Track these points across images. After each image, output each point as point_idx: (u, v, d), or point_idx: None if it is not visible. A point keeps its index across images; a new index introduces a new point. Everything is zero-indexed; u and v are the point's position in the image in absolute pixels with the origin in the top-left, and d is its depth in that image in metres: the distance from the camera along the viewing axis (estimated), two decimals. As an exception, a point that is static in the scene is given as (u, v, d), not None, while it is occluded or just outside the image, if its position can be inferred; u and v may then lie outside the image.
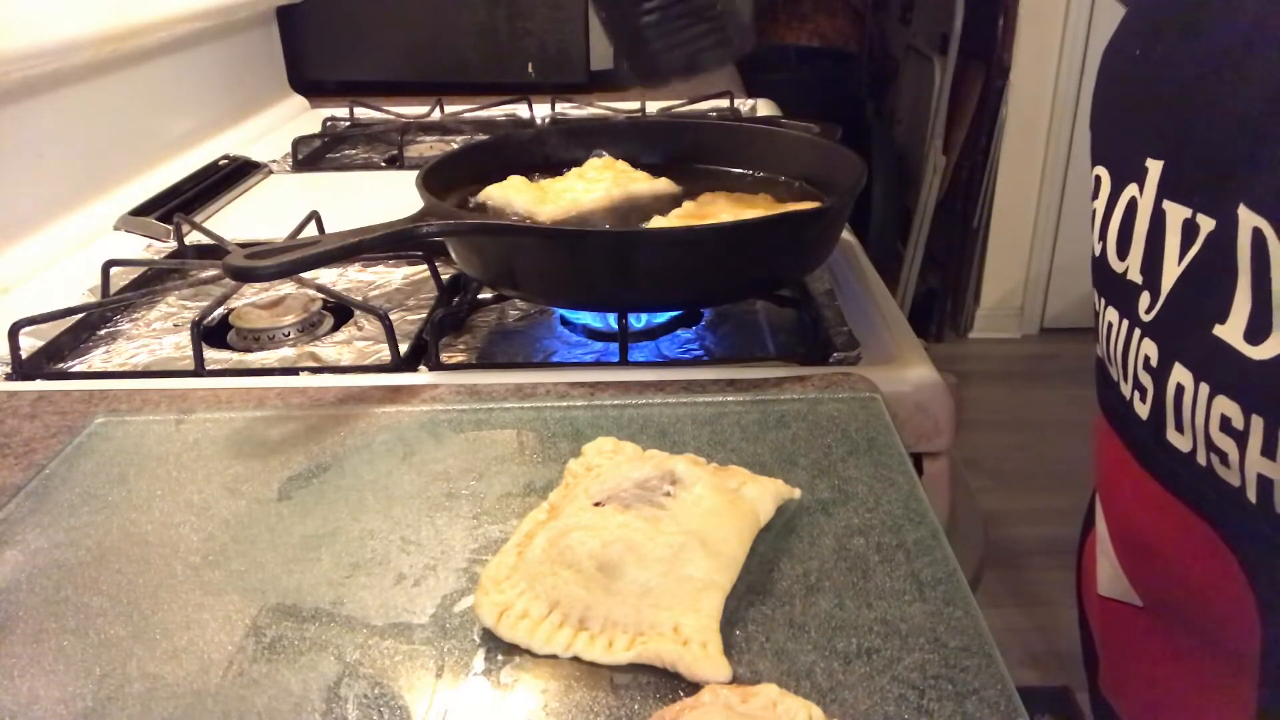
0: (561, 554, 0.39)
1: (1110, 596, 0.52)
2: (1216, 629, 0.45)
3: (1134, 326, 0.46)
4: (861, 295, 0.70)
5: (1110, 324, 0.48)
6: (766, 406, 0.53)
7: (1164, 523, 0.45)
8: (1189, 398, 0.42)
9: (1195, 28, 0.42)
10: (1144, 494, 0.46)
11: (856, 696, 0.34)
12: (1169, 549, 0.46)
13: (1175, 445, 0.43)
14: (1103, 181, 0.49)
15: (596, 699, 0.35)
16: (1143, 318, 0.45)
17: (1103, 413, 0.52)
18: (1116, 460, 0.49)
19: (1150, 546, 0.48)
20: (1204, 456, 0.42)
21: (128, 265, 0.76)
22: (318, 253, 0.52)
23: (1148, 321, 0.45)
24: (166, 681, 0.36)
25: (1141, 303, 0.45)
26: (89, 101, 0.90)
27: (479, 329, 0.69)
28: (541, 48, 1.41)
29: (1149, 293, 0.45)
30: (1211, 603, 0.44)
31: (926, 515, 0.44)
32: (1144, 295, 0.45)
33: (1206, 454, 0.42)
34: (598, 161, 0.76)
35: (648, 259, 0.58)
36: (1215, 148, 0.41)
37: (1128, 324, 0.47)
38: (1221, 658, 0.45)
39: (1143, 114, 0.46)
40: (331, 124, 1.28)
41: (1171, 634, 0.48)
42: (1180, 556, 0.45)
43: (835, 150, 0.71)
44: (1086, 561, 0.58)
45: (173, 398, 0.57)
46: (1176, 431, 0.43)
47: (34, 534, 0.45)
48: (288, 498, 0.47)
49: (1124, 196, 0.47)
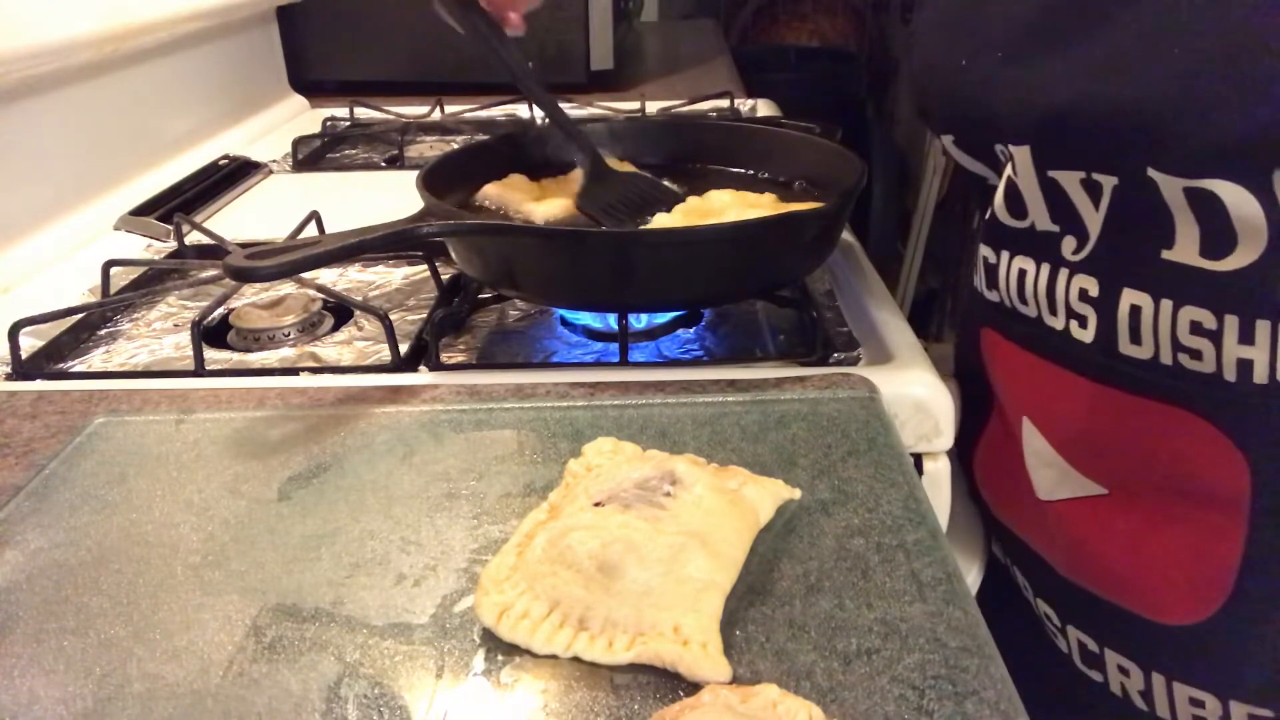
0: (561, 554, 0.39)
1: (1059, 499, 0.56)
2: (1199, 487, 0.48)
3: (1059, 267, 0.50)
4: (861, 295, 0.70)
5: (1023, 270, 0.53)
6: (766, 407, 0.53)
7: (1126, 420, 0.49)
8: (1148, 314, 0.46)
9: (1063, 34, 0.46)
10: (1096, 402, 0.50)
11: (856, 696, 0.34)
12: (1135, 439, 0.50)
13: (1132, 355, 0.47)
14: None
15: (596, 699, 0.35)
16: (1070, 258, 0.49)
17: (1017, 347, 0.55)
18: (1050, 381, 0.53)
19: (1113, 443, 0.51)
20: (1169, 358, 0.46)
21: (128, 265, 0.76)
22: (318, 253, 0.52)
23: (1077, 260, 0.49)
24: (166, 681, 0.36)
25: (1066, 246, 0.50)
26: (89, 101, 0.90)
27: (479, 329, 0.69)
28: (541, 48, 1.41)
29: (1073, 237, 0.49)
30: (1190, 468, 0.48)
31: (926, 515, 0.44)
32: (1068, 240, 0.49)
33: (1173, 355, 0.46)
34: None
35: (648, 259, 0.58)
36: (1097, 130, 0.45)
37: (1049, 266, 0.51)
38: (1204, 511, 0.49)
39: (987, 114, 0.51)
40: (331, 124, 1.28)
41: (1143, 507, 0.52)
42: (1149, 442, 0.49)
43: (835, 150, 0.71)
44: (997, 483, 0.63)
45: (173, 398, 0.57)
46: (1133, 344, 0.47)
47: (34, 534, 0.45)
48: (288, 498, 0.47)
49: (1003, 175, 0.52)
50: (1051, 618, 0.61)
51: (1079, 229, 0.49)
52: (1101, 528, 0.54)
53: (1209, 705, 0.52)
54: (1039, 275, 0.52)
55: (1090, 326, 0.49)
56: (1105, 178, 0.46)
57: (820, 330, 0.62)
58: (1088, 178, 0.47)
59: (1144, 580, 0.53)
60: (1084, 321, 0.49)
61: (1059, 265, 0.50)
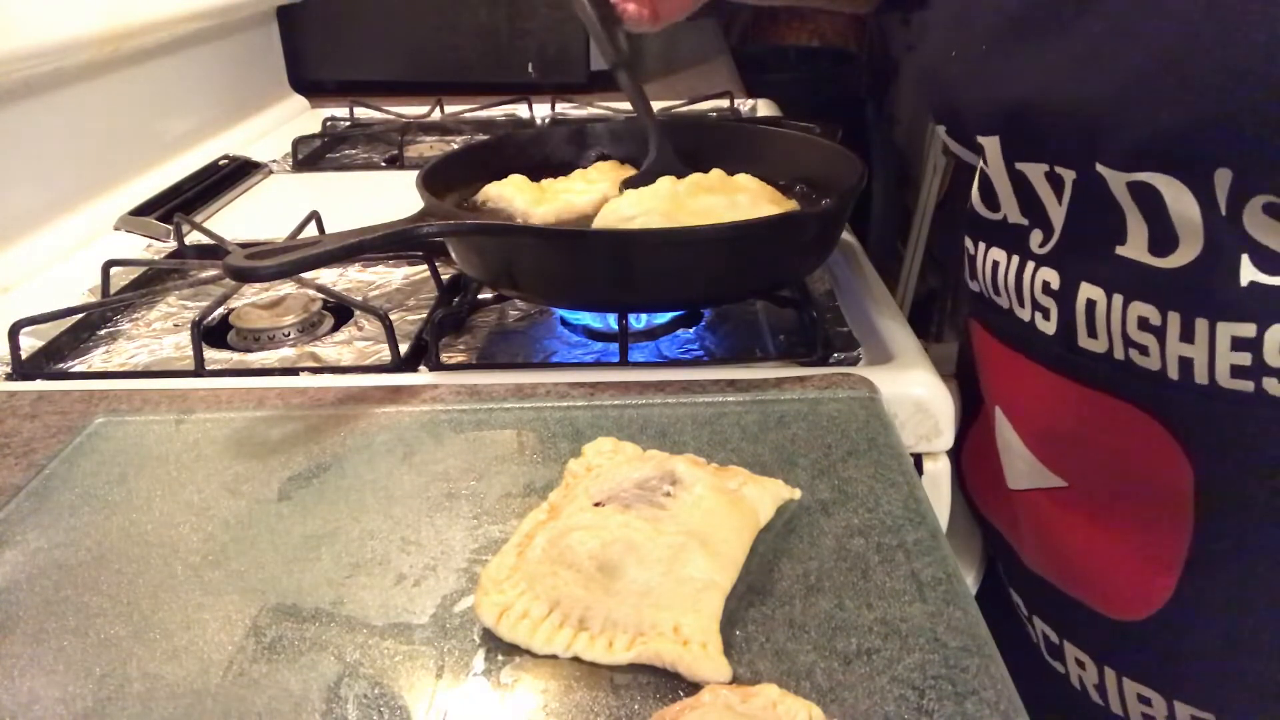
0: (561, 554, 0.39)
1: (1026, 489, 0.57)
2: (1146, 486, 0.50)
3: (1026, 260, 0.52)
4: (861, 295, 0.70)
5: (996, 262, 0.54)
6: (766, 407, 0.53)
7: (1084, 413, 0.51)
8: (1102, 309, 0.47)
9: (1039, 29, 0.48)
10: (1059, 395, 0.51)
11: (856, 696, 0.34)
12: (1091, 434, 0.51)
13: (1089, 349, 0.49)
14: None
15: (596, 699, 0.35)
16: (1036, 251, 0.51)
17: (993, 337, 0.57)
18: (1019, 373, 0.54)
19: (1071, 436, 0.53)
20: (1121, 353, 0.47)
21: (128, 265, 0.76)
22: (318, 253, 0.52)
23: (1043, 254, 0.51)
24: (166, 681, 0.36)
25: (1033, 239, 0.51)
26: (89, 101, 0.90)
27: (479, 329, 0.69)
28: (541, 48, 1.41)
29: (1039, 230, 0.51)
30: (1140, 465, 0.49)
31: (926, 515, 0.44)
32: (1034, 233, 0.51)
33: (1125, 350, 0.47)
34: (604, 165, 0.76)
35: (647, 259, 0.58)
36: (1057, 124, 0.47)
37: (1018, 259, 0.52)
38: (1152, 507, 0.50)
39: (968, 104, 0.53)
40: (331, 124, 1.28)
41: (1098, 501, 0.53)
42: (1104, 437, 0.50)
43: (835, 150, 0.71)
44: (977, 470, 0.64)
45: (173, 398, 0.57)
46: (1090, 338, 0.49)
47: (34, 534, 0.45)
48: (288, 498, 0.47)
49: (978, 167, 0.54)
50: (1020, 607, 0.62)
51: (1044, 222, 0.50)
52: (1060, 520, 0.55)
53: (1155, 703, 0.53)
54: (1009, 266, 0.53)
55: (1052, 319, 0.50)
56: (1065, 171, 0.47)
57: (820, 330, 0.62)
58: (1051, 171, 0.48)
59: (1097, 574, 0.54)
60: (1047, 314, 0.51)
61: (1026, 258, 0.52)
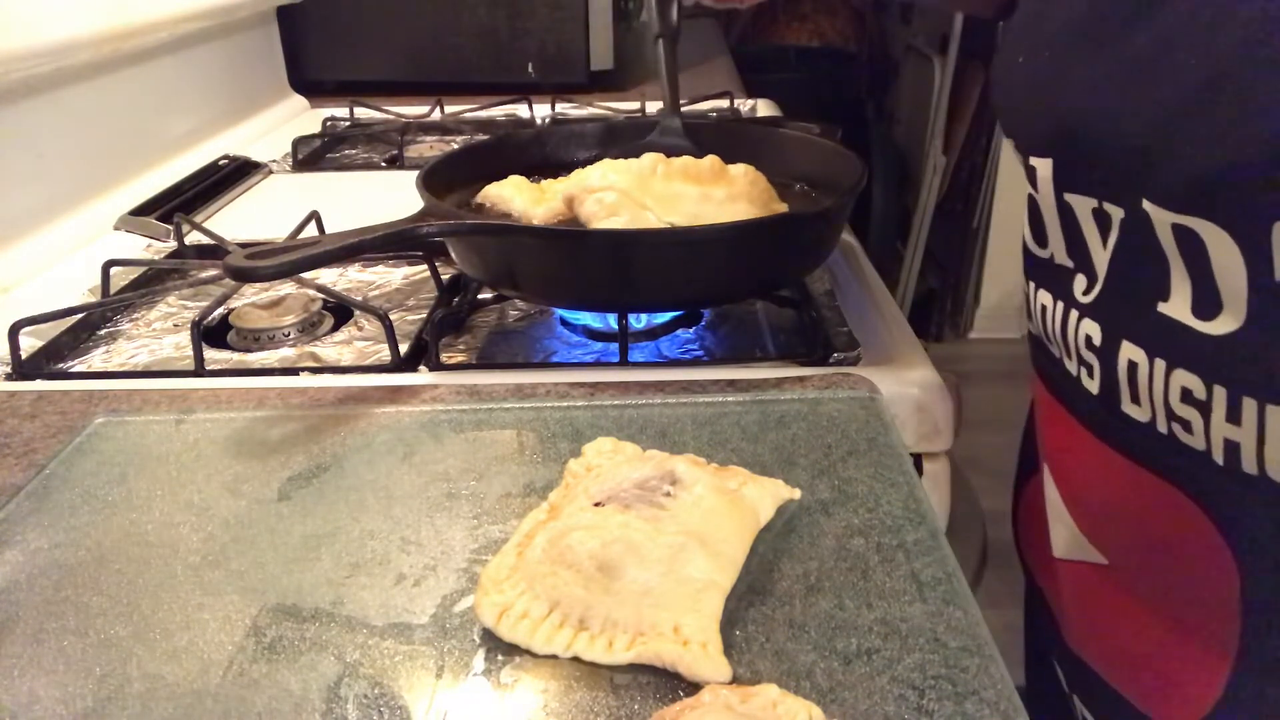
0: (561, 554, 0.39)
1: (1069, 558, 0.52)
2: (1190, 578, 0.44)
3: (1070, 308, 0.46)
4: (861, 295, 0.70)
5: (1044, 306, 0.49)
6: (766, 407, 0.53)
7: (1125, 488, 0.45)
8: (1144, 373, 0.42)
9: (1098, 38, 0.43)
10: (1101, 463, 0.46)
11: (856, 696, 0.34)
12: (1133, 512, 0.46)
13: (1132, 416, 0.43)
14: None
15: (596, 699, 0.35)
16: (1080, 299, 0.46)
17: (1045, 387, 0.51)
18: (1065, 432, 0.49)
19: (1112, 511, 0.48)
20: (1164, 425, 0.42)
21: (128, 265, 0.76)
22: (318, 253, 0.52)
23: (1086, 303, 0.45)
24: (166, 681, 0.36)
25: (1077, 285, 0.46)
26: (89, 101, 0.90)
27: (479, 329, 0.69)
28: (541, 48, 1.41)
29: (1084, 275, 0.45)
30: (1183, 555, 0.44)
31: (926, 515, 0.44)
32: (1078, 278, 0.46)
33: (1168, 423, 0.42)
34: None
35: (647, 259, 0.58)
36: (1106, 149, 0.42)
37: (1063, 306, 0.47)
38: (1196, 603, 0.45)
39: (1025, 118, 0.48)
40: (331, 124, 1.28)
41: (1140, 587, 0.48)
42: (1146, 518, 0.45)
43: (835, 150, 0.71)
44: (1029, 527, 0.59)
45: (173, 398, 0.57)
46: (1133, 404, 0.43)
47: (34, 534, 0.45)
48: (288, 498, 0.47)
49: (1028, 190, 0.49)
50: (1061, 681, 0.57)
51: (1088, 267, 0.45)
52: (1101, 599, 0.51)
53: None
54: (1055, 313, 0.48)
55: (1096, 377, 0.45)
56: (1114, 209, 0.42)
57: (820, 330, 0.62)
58: (1099, 207, 0.43)
59: (1138, 665, 0.49)
60: (1091, 371, 0.45)
61: (1070, 305, 0.46)
